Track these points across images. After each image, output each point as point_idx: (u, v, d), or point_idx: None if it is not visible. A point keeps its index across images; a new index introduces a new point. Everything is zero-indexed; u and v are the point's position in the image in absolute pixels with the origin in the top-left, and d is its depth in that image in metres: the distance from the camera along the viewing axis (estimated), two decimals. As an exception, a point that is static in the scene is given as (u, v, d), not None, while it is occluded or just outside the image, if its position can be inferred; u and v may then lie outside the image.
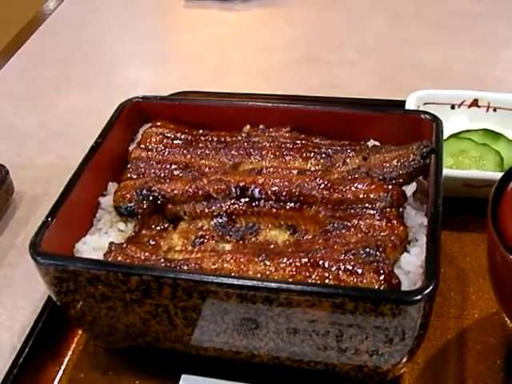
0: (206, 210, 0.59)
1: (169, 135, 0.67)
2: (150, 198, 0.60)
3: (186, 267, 0.53)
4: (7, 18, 1.39)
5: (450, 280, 0.65)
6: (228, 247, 0.56)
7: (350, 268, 0.50)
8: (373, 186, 0.57)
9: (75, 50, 1.16)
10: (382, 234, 0.54)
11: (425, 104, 0.81)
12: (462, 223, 0.71)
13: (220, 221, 0.59)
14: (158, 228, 0.60)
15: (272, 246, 0.56)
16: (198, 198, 0.59)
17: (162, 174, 0.63)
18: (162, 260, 0.54)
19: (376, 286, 0.49)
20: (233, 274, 0.52)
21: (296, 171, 0.61)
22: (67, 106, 0.99)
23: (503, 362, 0.58)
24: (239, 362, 0.56)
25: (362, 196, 0.57)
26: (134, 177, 0.63)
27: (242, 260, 0.52)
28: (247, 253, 0.53)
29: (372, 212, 0.56)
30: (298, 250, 0.54)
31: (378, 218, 0.55)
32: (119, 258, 0.54)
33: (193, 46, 1.15)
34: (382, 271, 0.50)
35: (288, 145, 0.65)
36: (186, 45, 1.17)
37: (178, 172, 0.63)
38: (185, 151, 0.66)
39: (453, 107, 0.82)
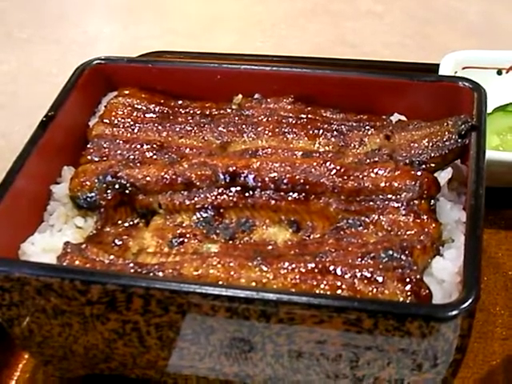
0: (187, 202, 0.59)
1: (139, 107, 0.68)
2: (116, 186, 0.60)
3: (161, 274, 0.53)
4: None
5: (496, 291, 0.66)
6: (214, 248, 0.56)
7: (368, 275, 0.51)
8: (397, 173, 0.58)
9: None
10: (408, 232, 0.54)
11: (464, 68, 0.81)
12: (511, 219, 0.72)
13: (204, 215, 0.59)
14: (126, 224, 0.60)
15: (270, 248, 0.56)
16: (176, 187, 0.60)
17: (132, 157, 0.63)
18: (131, 265, 0.54)
19: (401, 298, 0.50)
20: (220, 283, 0.52)
21: (300, 153, 0.62)
22: (8, 71, 0.99)
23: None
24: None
25: (383, 185, 0.57)
26: (96, 159, 0.64)
27: (231, 265, 0.53)
28: (238, 256, 0.54)
29: (396, 205, 0.56)
30: (302, 253, 0.54)
31: (403, 212, 0.56)
32: (77, 262, 0.55)
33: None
34: (408, 279, 0.50)
35: (290, 119, 0.65)
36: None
37: (151, 154, 0.64)
38: (160, 127, 0.66)
39: (499, 72, 0.83)
